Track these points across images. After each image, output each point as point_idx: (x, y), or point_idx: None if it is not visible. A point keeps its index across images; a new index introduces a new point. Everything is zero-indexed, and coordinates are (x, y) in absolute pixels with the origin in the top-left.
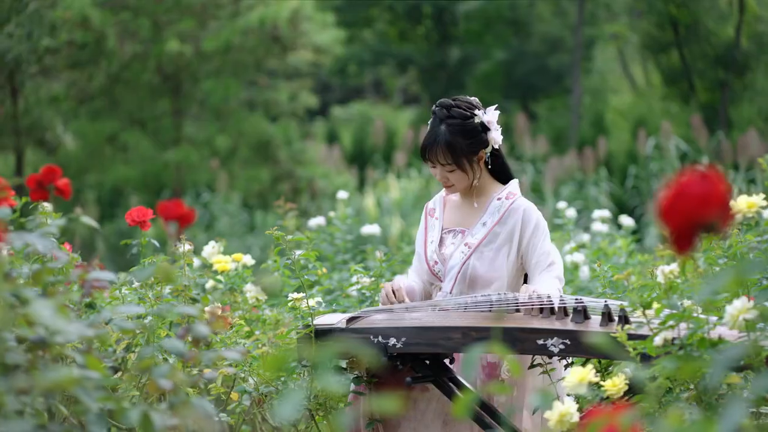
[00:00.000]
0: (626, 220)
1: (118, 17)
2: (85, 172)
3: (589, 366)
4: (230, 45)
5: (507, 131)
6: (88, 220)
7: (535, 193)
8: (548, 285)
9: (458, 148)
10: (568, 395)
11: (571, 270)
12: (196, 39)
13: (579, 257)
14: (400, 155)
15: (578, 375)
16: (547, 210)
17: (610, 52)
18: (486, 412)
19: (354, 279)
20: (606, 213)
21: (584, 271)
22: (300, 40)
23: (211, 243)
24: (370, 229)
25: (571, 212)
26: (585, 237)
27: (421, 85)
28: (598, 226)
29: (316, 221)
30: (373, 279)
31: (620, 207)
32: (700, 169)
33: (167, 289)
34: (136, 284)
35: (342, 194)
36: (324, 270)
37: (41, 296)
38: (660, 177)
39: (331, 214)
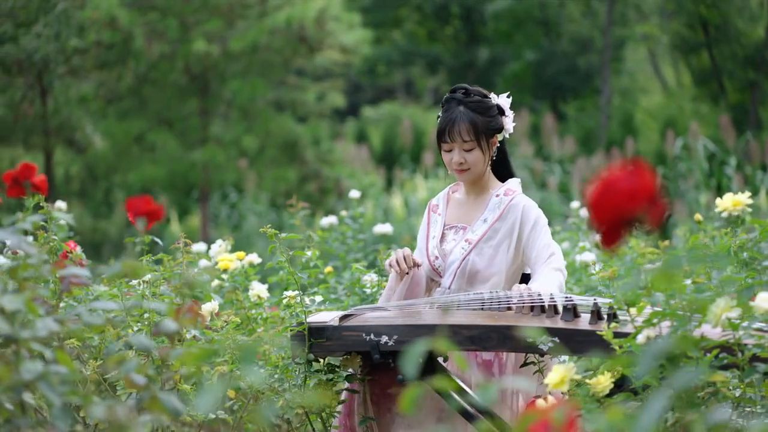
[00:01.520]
0: None
1: (146, 17)
2: (113, 172)
3: (571, 364)
4: (257, 45)
5: (535, 131)
6: (64, 216)
7: (563, 193)
8: (548, 282)
9: (480, 124)
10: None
11: (581, 270)
12: (224, 39)
13: (590, 257)
14: (428, 155)
15: (560, 373)
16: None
17: (641, 52)
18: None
19: (358, 276)
20: None
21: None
22: (327, 40)
23: (218, 241)
24: (383, 228)
25: (585, 211)
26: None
27: (449, 85)
28: None
29: (328, 220)
30: (378, 277)
31: None
32: (630, 163)
33: (166, 287)
34: (133, 282)
35: (354, 193)
36: (330, 269)
37: (12, 292)
38: (688, 177)
39: (343, 213)
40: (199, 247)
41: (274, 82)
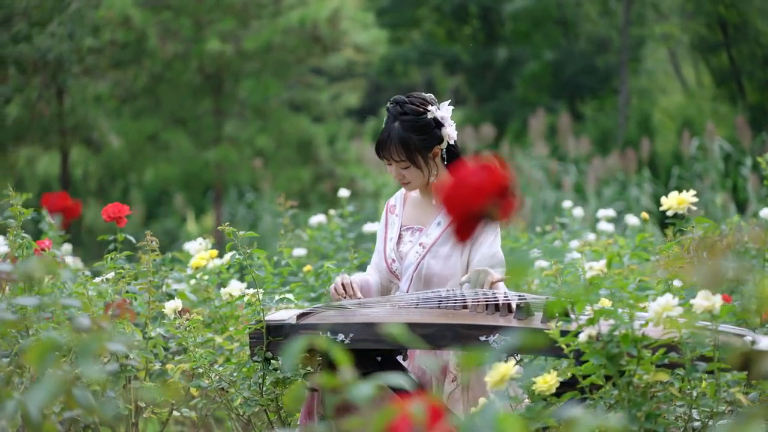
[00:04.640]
0: (632, 220)
1: (160, 17)
2: (128, 171)
3: (512, 362)
4: (271, 45)
5: (552, 132)
6: None
7: (578, 193)
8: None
9: (412, 144)
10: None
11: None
12: (237, 38)
13: (576, 257)
14: None
15: (500, 371)
16: (589, 211)
17: (662, 52)
18: None
19: (329, 275)
20: (611, 212)
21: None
22: (341, 39)
23: (199, 239)
24: (372, 227)
25: (578, 211)
26: (591, 236)
27: (467, 85)
28: (603, 226)
29: (317, 219)
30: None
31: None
32: (485, 158)
33: (134, 285)
34: (97, 279)
35: (343, 192)
36: (309, 267)
37: None
38: (704, 178)
39: (332, 212)
40: (190, 245)
41: (289, 82)
